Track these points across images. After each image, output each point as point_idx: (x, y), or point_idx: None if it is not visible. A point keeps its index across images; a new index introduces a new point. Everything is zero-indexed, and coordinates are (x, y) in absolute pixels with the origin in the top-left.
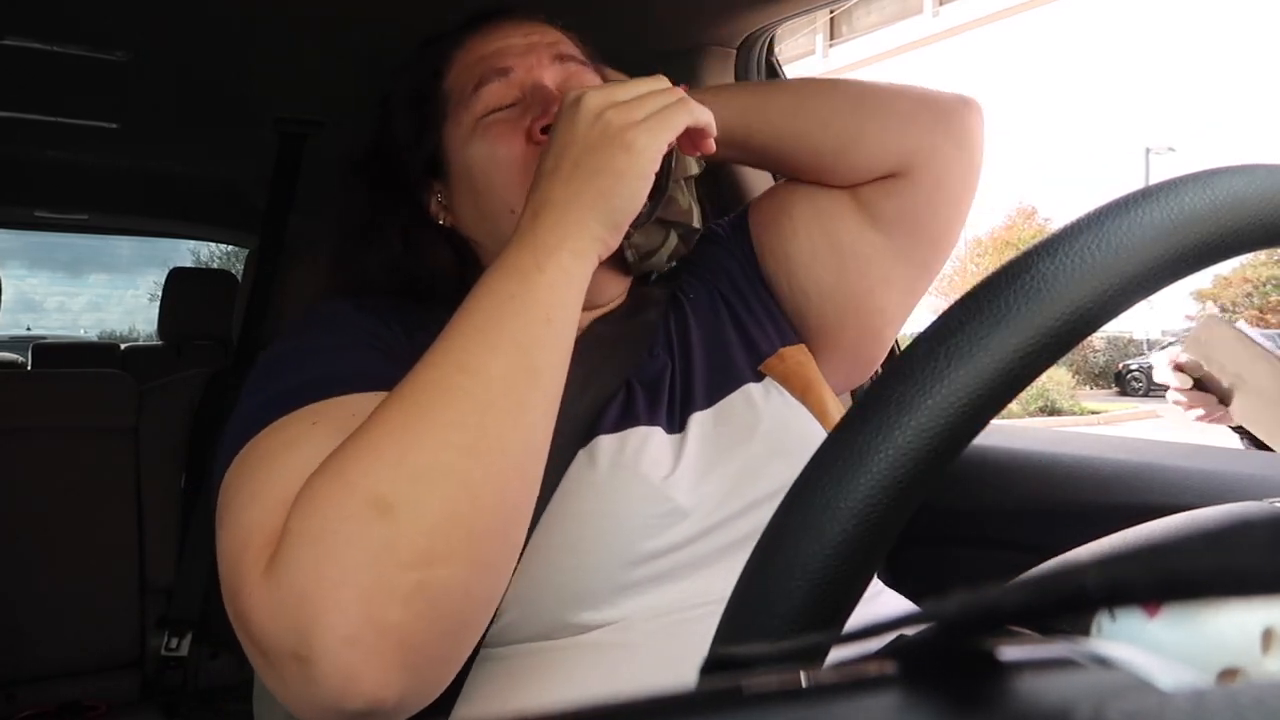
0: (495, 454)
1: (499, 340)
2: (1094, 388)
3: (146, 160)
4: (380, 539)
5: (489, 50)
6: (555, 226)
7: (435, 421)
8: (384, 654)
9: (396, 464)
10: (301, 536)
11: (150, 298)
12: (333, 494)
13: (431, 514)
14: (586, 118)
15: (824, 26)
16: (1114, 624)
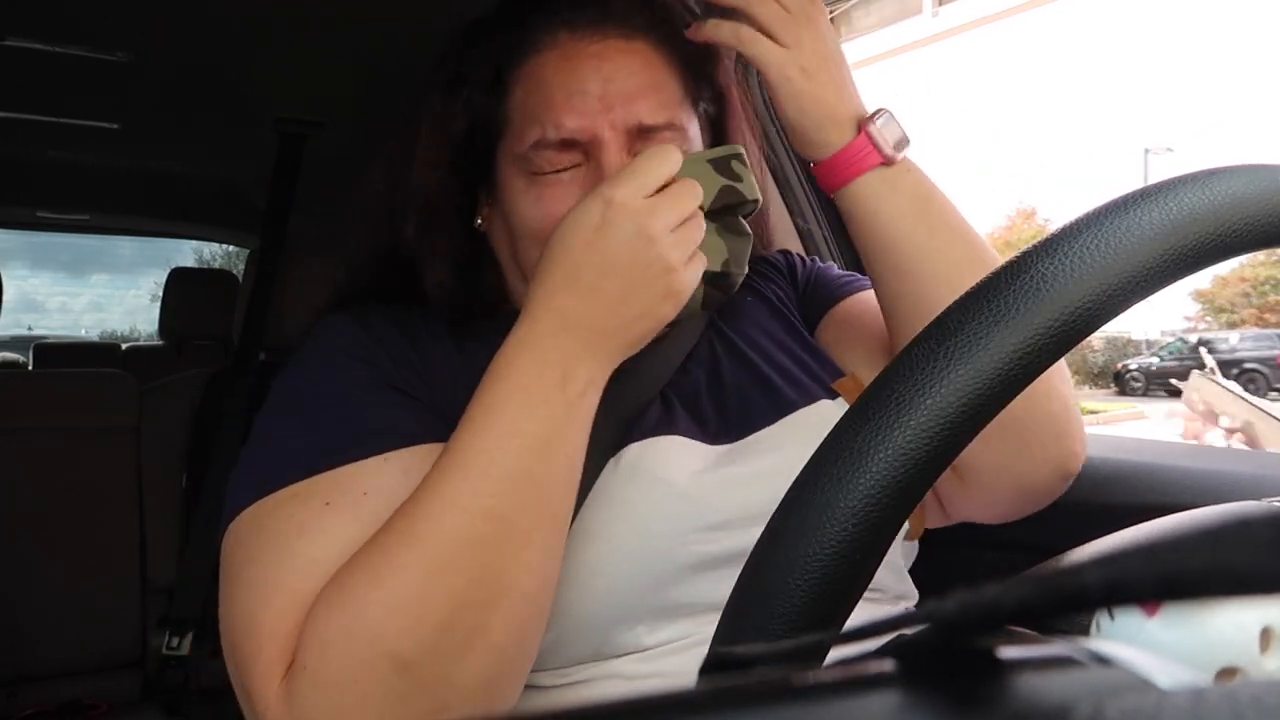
0: (516, 602)
1: (528, 489)
2: (1093, 388)
3: (147, 160)
4: (397, 693)
5: (559, 95)
6: (590, 359)
7: (457, 577)
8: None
9: (416, 623)
10: (319, 679)
11: (151, 298)
12: (351, 642)
13: (448, 670)
14: (647, 245)
15: None
16: (1113, 623)
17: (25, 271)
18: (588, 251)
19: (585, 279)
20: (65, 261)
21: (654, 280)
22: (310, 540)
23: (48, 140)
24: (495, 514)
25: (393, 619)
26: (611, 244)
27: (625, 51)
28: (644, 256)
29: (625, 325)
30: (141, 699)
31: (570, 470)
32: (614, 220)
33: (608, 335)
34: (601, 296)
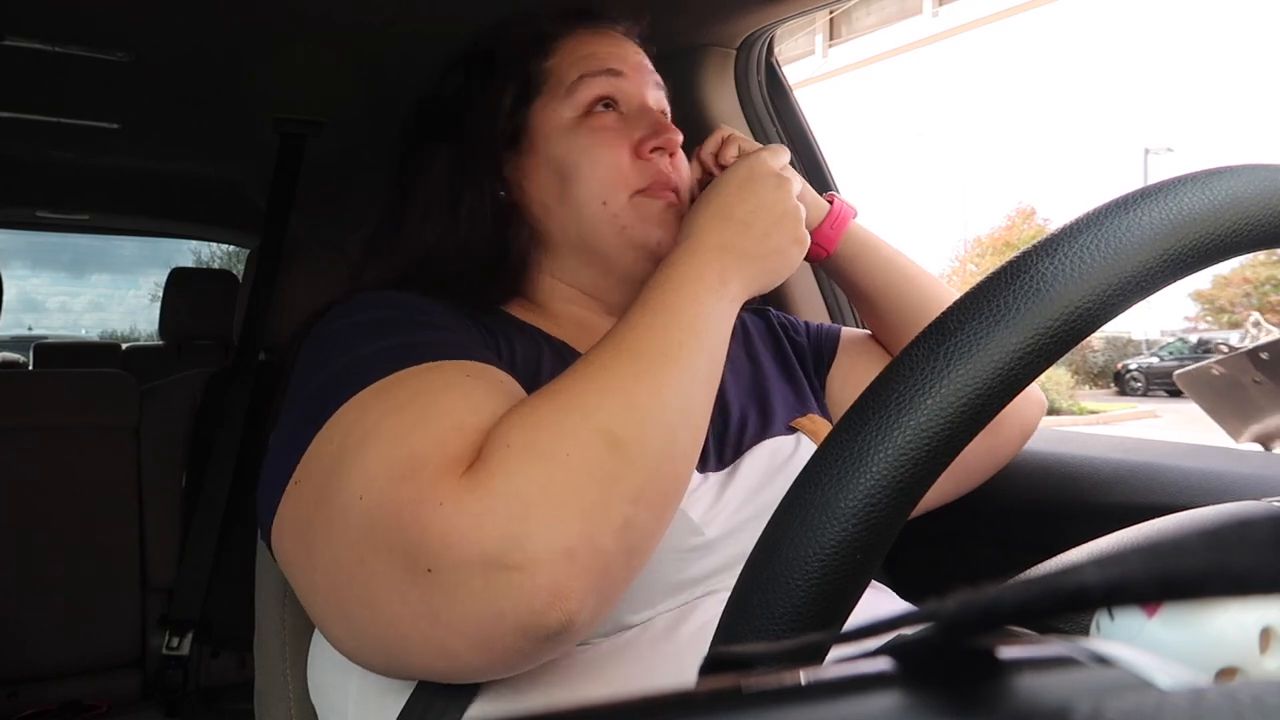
0: (694, 418)
1: (703, 334)
2: (1093, 388)
3: (148, 160)
4: (609, 468)
5: (601, 50)
6: (739, 275)
7: (659, 377)
8: (592, 575)
9: (627, 406)
10: (528, 450)
11: (151, 298)
12: (565, 419)
13: (652, 458)
14: (786, 198)
15: (824, 27)
16: (1113, 623)
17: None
18: (741, 194)
19: (738, 215)
20: (65, 261)
21: (791, 224)
22: (462, 392)
23: (48, 140)
24: (681, 343)
25: (607, 401)
26: (759, 190)
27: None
28: (784, 204)
29: (766, 256)
30: (141, 699)
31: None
32: (761, 174)
33: (753, 260)
34: (750, 230)
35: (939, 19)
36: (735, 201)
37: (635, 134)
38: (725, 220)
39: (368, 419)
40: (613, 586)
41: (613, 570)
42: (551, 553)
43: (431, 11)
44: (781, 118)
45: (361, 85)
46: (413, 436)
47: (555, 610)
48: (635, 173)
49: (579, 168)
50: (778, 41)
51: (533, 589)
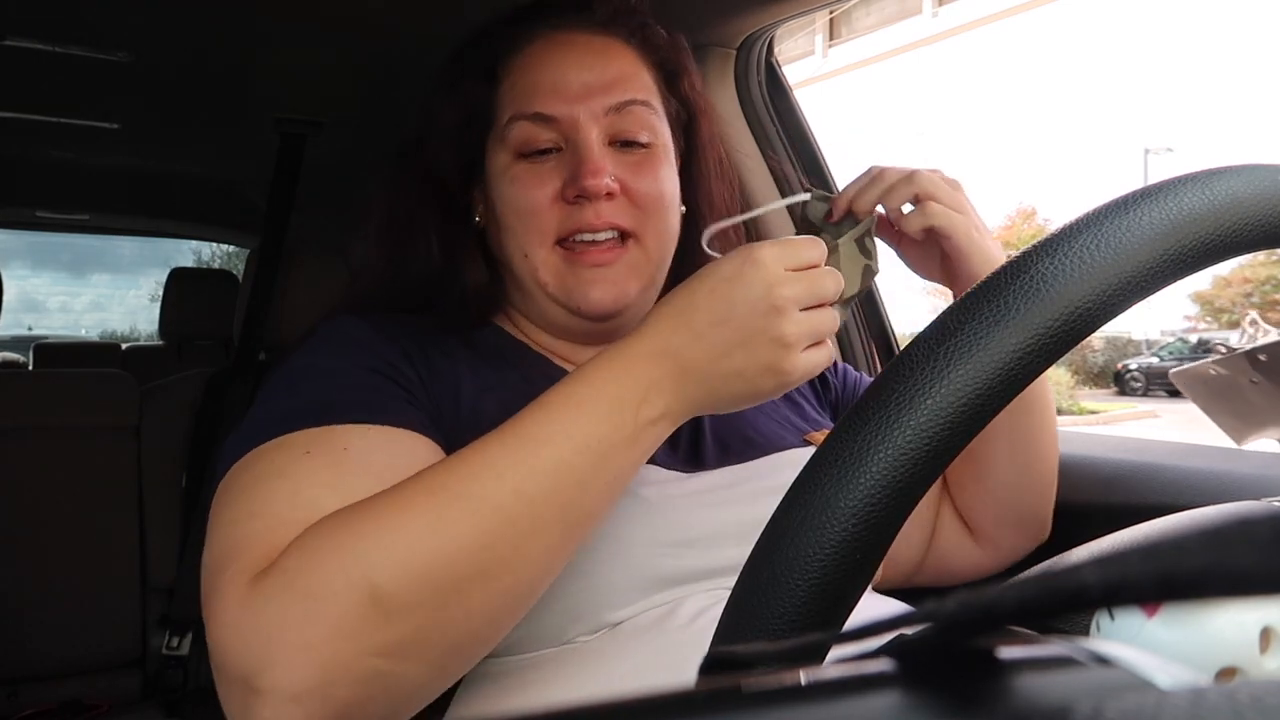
0: (504, 586)
1: (568, 488)
2: (1093, 388)
3: (147, 160)
4: (361, 621)
5: (544, 79)
6: (673, 395)
7: (463, 538)
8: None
9: (406, 563)
10: (293, 581)
11: (151, 298)
12: (340, 560)
13: (418, 621)
14: (762, 301)
15: (824, 27)
16: (1113, 623)
17: (26, 271)
18: (711, 296)
19: (698, 321)
20: (66, 261)
21: (763, 346)
22: (288, 480)
23: (48, 140)
24: (525, 496)
25: (386, 552)
26: (736, 295)
27: (602, 46)
28: (762, 320)
29: (720, 378)
30: (141, 699)
31: (612, 488)
32: (747, 276)
33: (699, 381)
34: (707, 341)
35: (939, 19)
36: (701, 303)
37: (560, 175)
38: (681, 323)
39: (226, 495)
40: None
41: (355, 715)
42: (281, 692)
43: (431, 11)
44: (781, 118)
45: (361, 85)
46: (236, 528)
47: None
48: (554, 221)
49: (504, 216)
50: (778, 41)
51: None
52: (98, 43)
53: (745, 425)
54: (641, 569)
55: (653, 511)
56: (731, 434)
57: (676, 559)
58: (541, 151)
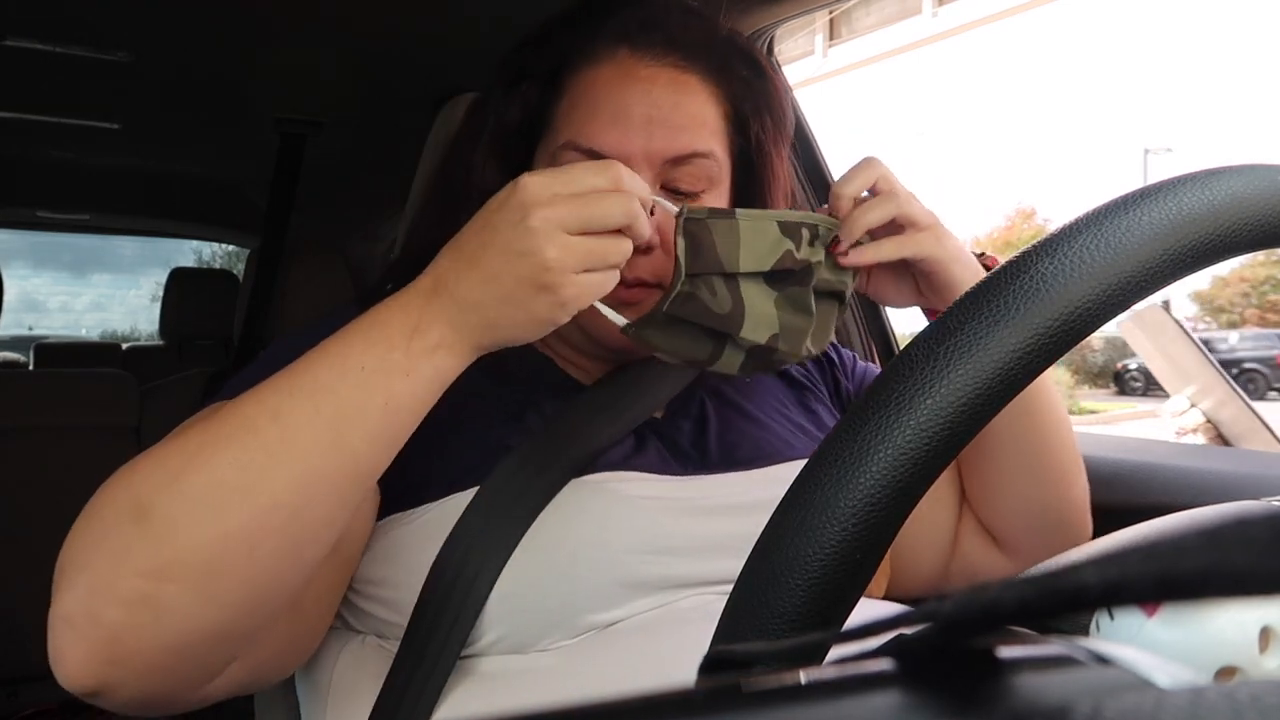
0: (267, 508)
1: (326, 413)
2: (1093, 387)
3: (148, 160)
4: (124, 540)
5: (605, 109)
6: (448, 324)
7: (225, 454)
8: (90, 644)
9: (172, 479)
10: (80, 518)
11: (151, 298)
12: (112, 488)
13: (178, 534)
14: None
15: (824, 27)
16: (1113, 623)
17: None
18: (477, 224)
19: (467, 249)
20: (67, 261)
21: (525, 270)
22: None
23: (49, 140)
24: (282, 418)
25: (153, 472)
26: (496, 220)
27: (677, 81)
28: (520, 242)
29: (494, 304)
30: None
31: (388, 420)
32: (507, 200)
33: (473, 308)
34: (477, 269)
35: (939, 19)
36: (469, 232)
37: None
38: (453, 255)
39: None
40: (135, 656)
41: (127, 641)
42: (55, 616)
43: (431, 12)
44: None
45: (361, 85)
46: None
47: (58, 671)
48: None
49: None
50: (778, 41)
51: (48, 647)
52: (98, 43)
53: (753, 429)
54: (625, 573)
55: (639, 515)
56: (739, 438)
57: (663, 566)
58: None
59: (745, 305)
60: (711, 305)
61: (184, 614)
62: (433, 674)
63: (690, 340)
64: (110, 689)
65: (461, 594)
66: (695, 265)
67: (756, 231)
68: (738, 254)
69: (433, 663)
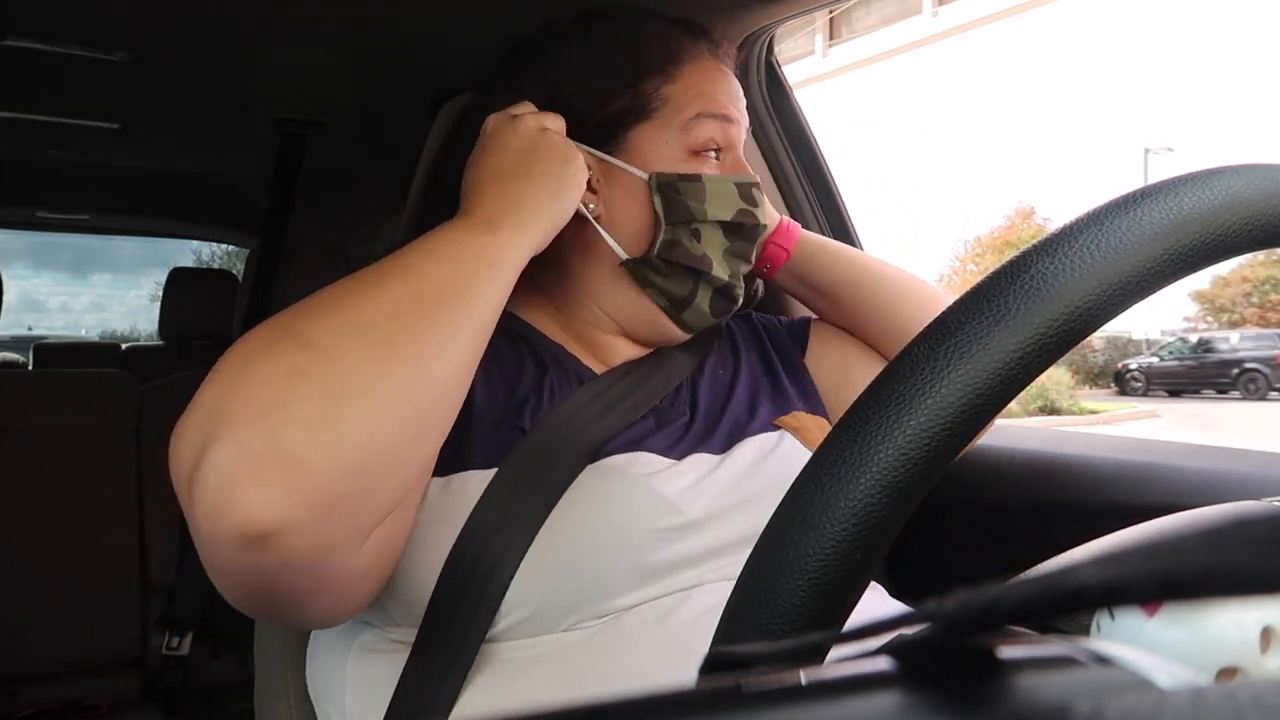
0: (420, 331)
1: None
2: (1093, 387)
3: (147, 160)
4: (296, 365)
5: (721, 90)
6: (513, 211)
7: (373, 293)
8: (272, 469)
9: (332, 313)
10: (223, 365)
11: (151, 298)
12: (264, 331)
13: (351, 355)
14: (528, 132)
15: (824, 27)
16: (1113, 623)
17: (27, 271)
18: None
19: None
20: (66, 261)
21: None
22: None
23: (48, 140)
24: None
25: (306, 313)
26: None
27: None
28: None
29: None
30: (141, 699)
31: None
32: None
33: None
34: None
35: (939, 19)
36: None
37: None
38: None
39: None
40: (317, 486)
41: (309, 466)
42: (225, 451)
43: (431, 12)
44: (781, 118)
45: (361, 85)
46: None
47: (230, 512)
48: None
49: None
50: (778, 41)
51: (204, 492)
52: (98, 43)
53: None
54: (642, 554)
55: (651, 496)
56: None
57: (677, 542)
58: (712, 154)
59: (709, 250)
60: (690, 248)
61: (365, 429)
62: (455, 660)
63: (676, 278)
64: (288, 529)
65: (483, 579)
66: (671, 216)
67: (718, 189)
68: (705, 207)
69: (455, 649)
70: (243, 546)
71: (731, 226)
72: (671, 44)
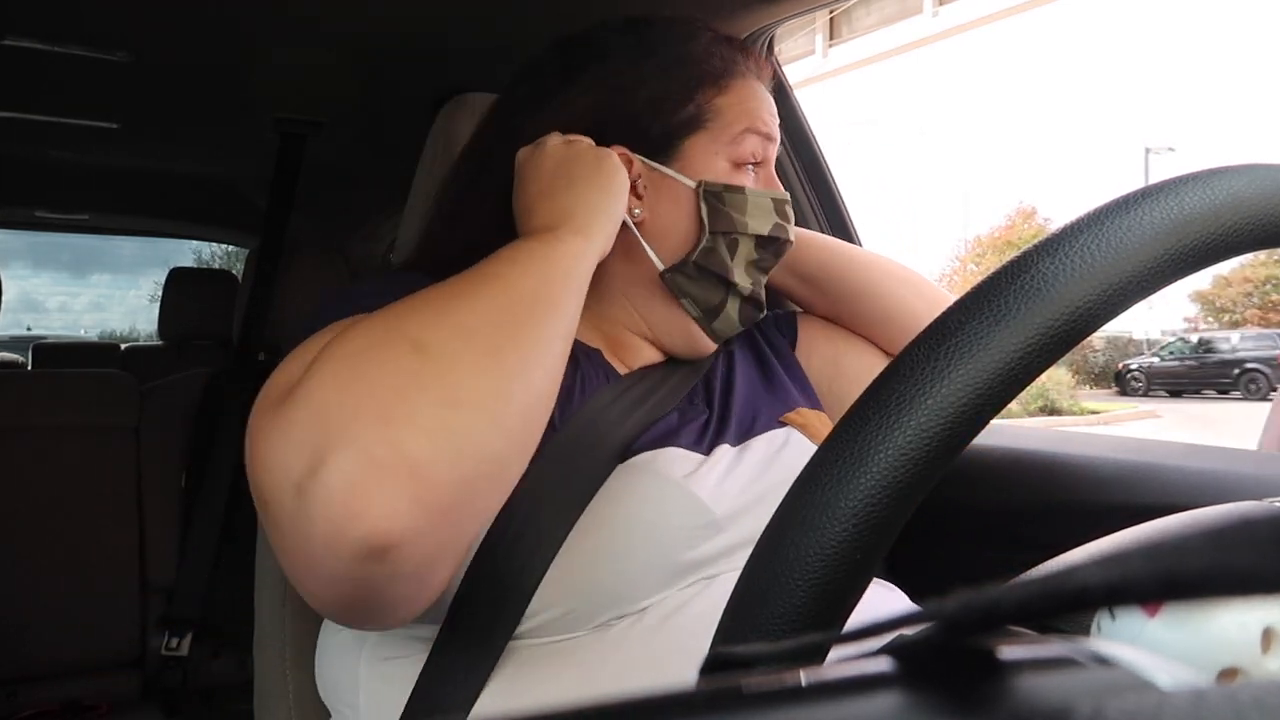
0: (522, 339)
1: (527, 272)
2: (1094, 388)
3: (147, 160)
4: (411, 370)
5: (764, 108)
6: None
7: (474, 300)
8: (398, 478)
9: (439, 316)
10: (332, 358)
11: (151, 298)
12: (372, 329)
13: (462, 362)
14: (557, 149)
15: (824, 27)
16: (1114, 623)
17: (27, 271)
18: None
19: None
20: (66, 261)
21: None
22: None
23: (48, 140)
24: (503, 276)
25: (414, 315)
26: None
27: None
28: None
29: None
30: (141, 699)
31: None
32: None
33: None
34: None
35: (939, 19)
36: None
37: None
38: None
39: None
40: (438, 492)
41: (431, 474)
42: (347, 457)
43: (431, 12)
44: (781, 118)
45: (361, 85)
46: (275, 377)
47: (356, 520)
48: None
49: None
50: (778, 41)
51: (329, 498)
52: (98, 43)
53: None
54: (674, 553)
55: (683, 495)
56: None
57: (706, 541)
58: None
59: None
60: (726, 258)
61: (479, 440)
62: (480, 657)
63: (709, 286)
64: (411, 539)
65: (513, 577)
66: (715, 226)
67: (758, 203)
68: (745, 219)
69: (480, 646)
70: (365, 557)
71: (765, 240)
72: (726, 57)
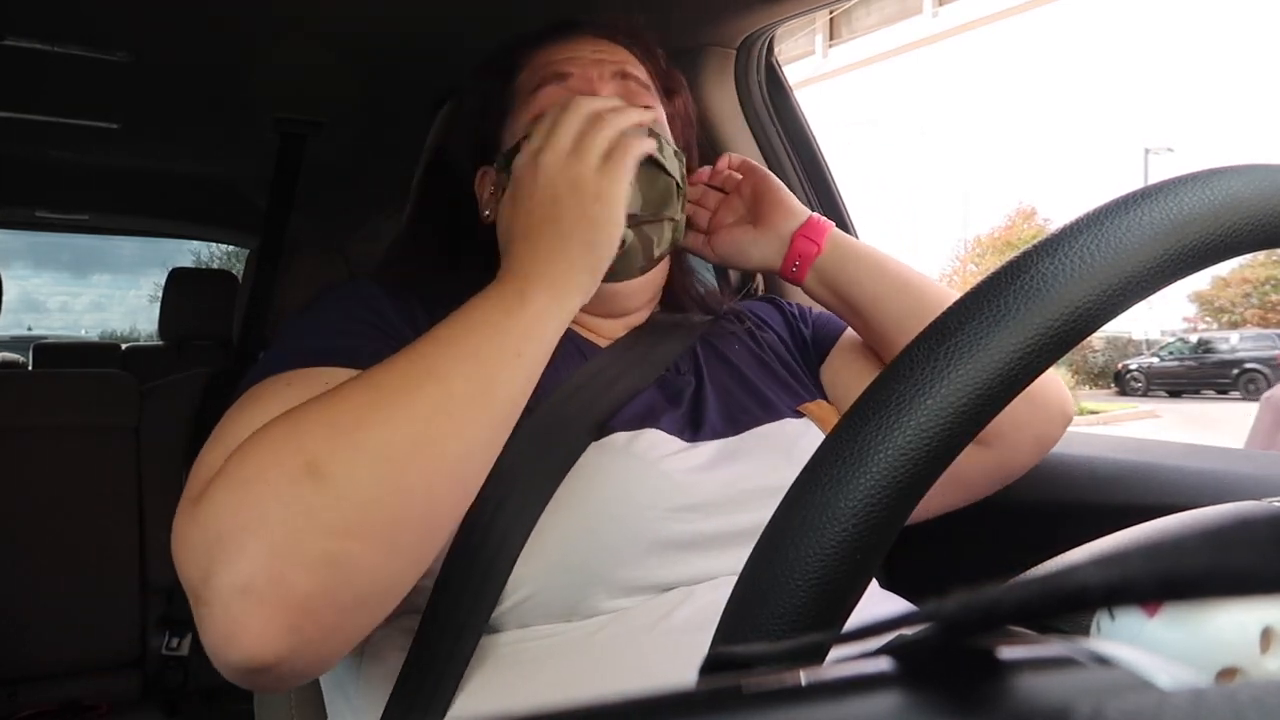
0: (435, 457)
1: (468, 360)
2: (1093, 387)
3: (147, 160)
4: (304, 500)
5: (558, 57)
6: (545, 268)
7: (390, 411)
8: (274, 611)
9: (340, 435)
10: (230, 478)
11: (151, 298)
12: (274, 446)
13: (360, 491)
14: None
15: (824, 27)
16: (1113, 623)
17: (28, 272)
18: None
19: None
20: (66, 262)
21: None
22: (262, 407)
23: (48, 140)
24: (434, 373)
25: (320, 430)
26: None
27: (608, 42)
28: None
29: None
30: (141, 699)
31: (516, 358)
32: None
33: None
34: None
35: (939, 19)
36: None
37: None
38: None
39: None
40: (314, 622)
41: (309, 605)
42: (227, 587)
43: (431, 12)
44: (781, 118)
45: (361, 85)
46: (203, 456)
47: (233, 648)
48: None
49: None
50: (778, 41)
51: (212, 625)
52: (98, 43)
53: (745, 397)
54: (651, 531)
55: (660, 476)
56: (733, 406)
57: (686, 524)
58: None
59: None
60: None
61: (370, 570)
62: (458, 644)
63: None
64: (287, 660)
65: (489, 557)
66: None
67: None
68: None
69: (459, 632)
70: (245, 670)
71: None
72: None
